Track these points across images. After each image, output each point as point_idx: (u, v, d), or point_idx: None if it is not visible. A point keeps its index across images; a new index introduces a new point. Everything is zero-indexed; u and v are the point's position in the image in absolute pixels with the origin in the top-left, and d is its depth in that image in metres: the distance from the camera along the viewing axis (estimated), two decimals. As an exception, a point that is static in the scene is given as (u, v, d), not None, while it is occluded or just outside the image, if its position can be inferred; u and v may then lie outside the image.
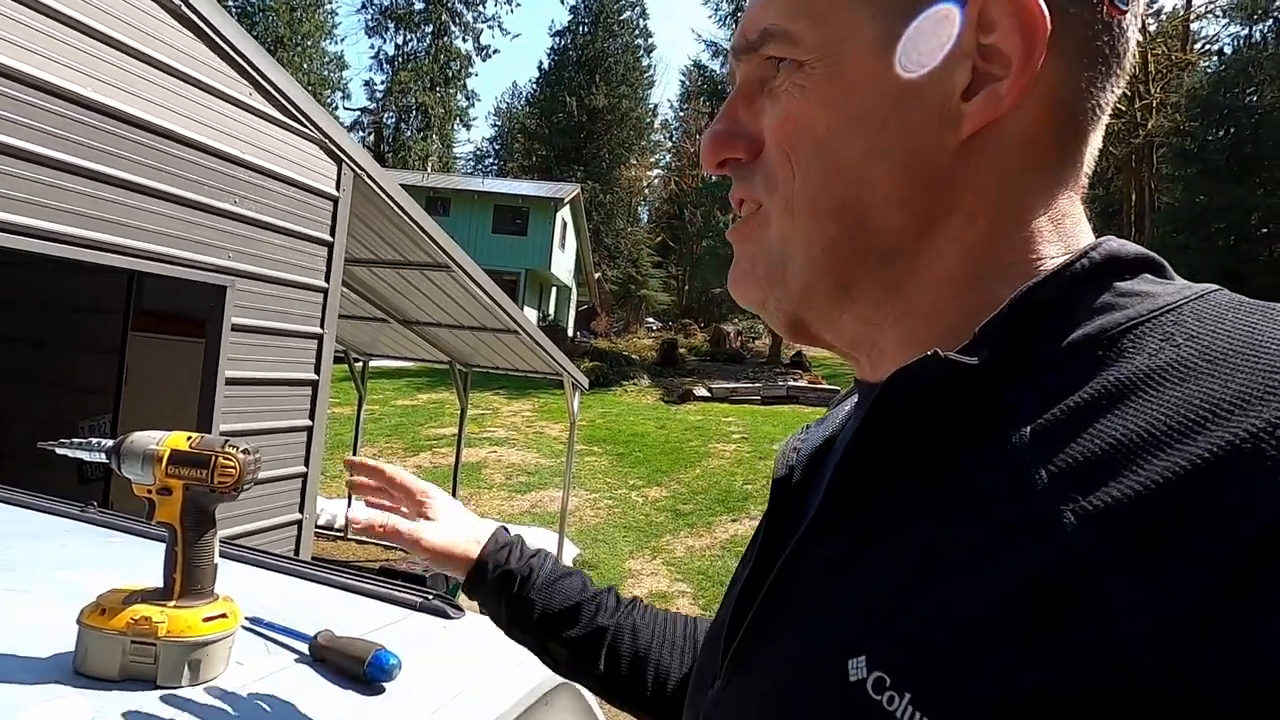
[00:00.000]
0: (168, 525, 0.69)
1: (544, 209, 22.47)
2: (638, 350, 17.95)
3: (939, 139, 0.35)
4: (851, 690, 0.30)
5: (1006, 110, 0.35)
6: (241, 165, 3.19)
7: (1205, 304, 0.32)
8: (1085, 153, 0.37)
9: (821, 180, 0.37)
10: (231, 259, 3.18)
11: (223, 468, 0.68)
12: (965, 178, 0.36)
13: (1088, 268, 0.34)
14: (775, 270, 0.40)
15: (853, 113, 0.36)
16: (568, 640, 0.65)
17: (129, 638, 0.66)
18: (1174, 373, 0.29)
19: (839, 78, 0.36)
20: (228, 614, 0.70)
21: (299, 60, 32.33)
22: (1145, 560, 0.25)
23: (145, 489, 0.69)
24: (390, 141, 34.39)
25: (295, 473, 3.65)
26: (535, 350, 6.33)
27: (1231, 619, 0.24)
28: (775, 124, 0.39)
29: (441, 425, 12.07)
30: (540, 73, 35.67)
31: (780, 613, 0.38)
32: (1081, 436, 0.29)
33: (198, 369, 3.24)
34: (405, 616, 0.94)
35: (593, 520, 8.78)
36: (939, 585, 0.30)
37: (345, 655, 0.74)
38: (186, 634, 0.67)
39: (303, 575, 1.04)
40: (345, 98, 36.87)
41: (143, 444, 0.69)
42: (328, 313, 3.72)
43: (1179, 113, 18.20)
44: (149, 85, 2.79)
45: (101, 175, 2.65)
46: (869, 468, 0.36)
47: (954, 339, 0.34)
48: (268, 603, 0.89)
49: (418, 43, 35.17)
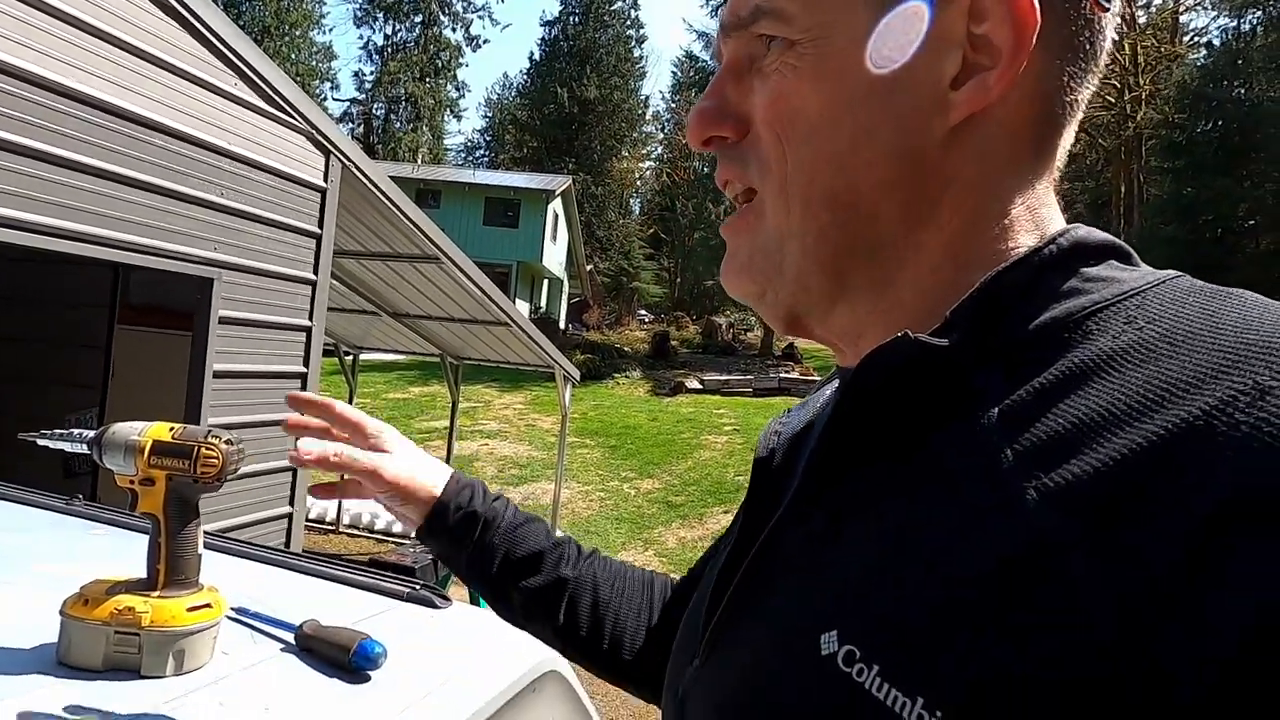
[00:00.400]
0: (151, 516, 0.69)
1: (535, 201, 22.39)
2: (630, 343, 17.95)
3: (928, 126, 0.35)
4: (823, 663, 0.31)
5: (994, 100, 0.35)
6: (227, 156, 3.16)
7: (1168, 289, 0.33)
8: (1060, 146, 0.38)
9: (813, 165, 0.37)
10: (218, 251, 3.16)
11: (205, 458, 0.68)
12: (951, 167, 0.36)
13: (1055, 254, 0.35)
14: (772, 262, 0.40)
15: (845, 96, 0.36)
16: (528, 589, 0.63)
17: (112, 628, 0.66)
18: (1136, 354, 0.30)
19: (832, 59, 0.36)
20: (212, 604, 0.70)
21: (286, 50, 31.99)
22: (1106, 537, 0.26)
23: (128, 480, 0.69)
24: (380, 133, 34.13)
25: (284, 466, 3.63)
26: (527, 343, 6.32)
27: (1189, 595, 0.24)
28: (766, 104, 0.38)
29: (433, 418, 12.05)
30: (531, 63, 35.49)
31: (758, 590, 0.38)
32: (1046, 416, 0.30)
33: (185, 362, 3.22)
34: (392, 606, 0.95)
35: (585, 512, 8.81)
36: (910, 563, 0.30)
37: (331, 644, 0.75)
38: (170, 624, 0.67)
39: (289, 566, 1.04)
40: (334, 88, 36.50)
41: (124, 435, 0.69)
42: (316, 305, 3.70)
43: (1168, 105, 18.29)
44: (133, 75, 2.76)
45: (85, 166, 2.62)
46: (844, 448, 0.36)
47: (931, 324, 0.35)
48: (253, 593, 0.89)
49: (407, 33, 34.88)
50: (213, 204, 3.12)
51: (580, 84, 32.23)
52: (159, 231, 2.90)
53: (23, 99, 2.42)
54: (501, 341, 6.63)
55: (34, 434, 0.72)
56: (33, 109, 2.45)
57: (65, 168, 2.57)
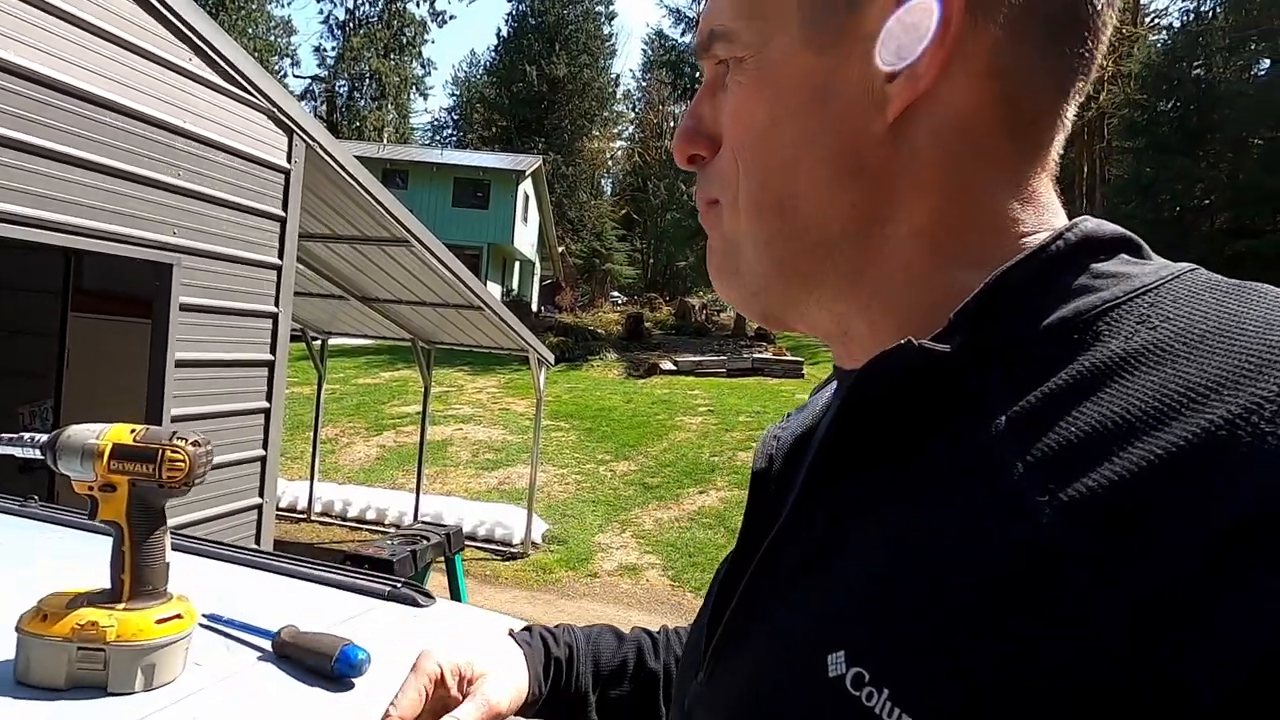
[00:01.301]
0: (113, 524, 0.65)
1: (505, 181, 22.04)
2: (603, 324, 17.88)
3: (866, 125, 0.35)
4: (831, 685, 0.30)
5: (928, 88, 0.34)
6: (183, 135, 3.03)
7: (1181, 284, 0.32)
8: (1054, 133, 0.36)
9: (761, 175, 0.38)
10: (176, 235, 3.04)
11: (171, 461, 0.64)
12: (900, 162, 0.35)
13: (1063, 249, 0.34)
14: (731, 263, 0.41)
15: (784, 106, 0.37)
16: (622, 699, 0.61)
17: (74, 644, 0.62)
18: (1150, 357, 0.29)
19: (770, 71, 0.37)
20: (183, 614, 0.67)
21: (242, 24, 30.86)
22: (1121, 551, 0.25)
23: (86, 486, 0.65)
24: (344, 111, 33.22)
25: (253, 456, 3.55)
26: (500, 326, 6.24)
27: (1207, 607, 0.23)
28: (724, 120, 0.40)
29: (405, 403, 11.89)
30: (499, 40, 34.73)
31: (760, 605, 0.37)
32: (1057, 424, 0.29)
33: (145, 351, 3.11)
34: (373, 606, 0.92)
35: (561, 495, 8.80)
36: (916, 577, 0.30)
37: (311, 651, 0.72)
38: (137, 638, 0.63)
39: (263, 566, 1.00)
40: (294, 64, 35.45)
41: (81, 438, 0.64)
42: (282, 291, 3.59)
43: (1130, 85, 18.60)
44: (83, 51, 2.62)
45: (31, 146, 2.49)
46: (844, 458, 0.35)
47: (924, 324, 0.34)
48: (226, 597, 0.85)
49: (370, 7, 33.86)
50: (170, 186, 2.99)
51: (549, 62, 31.66)
52: (113, 215, 2.78)
53: (-41, 74, 2.27)
54: (474, 325, 6.54)
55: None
56: (-29, 85, 2.31)
57: (11, 149, 2.43)
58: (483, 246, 21.39)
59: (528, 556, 7.14)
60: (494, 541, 7.33)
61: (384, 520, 7.78)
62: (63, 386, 4.45)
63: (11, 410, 4.54)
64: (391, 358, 14.44)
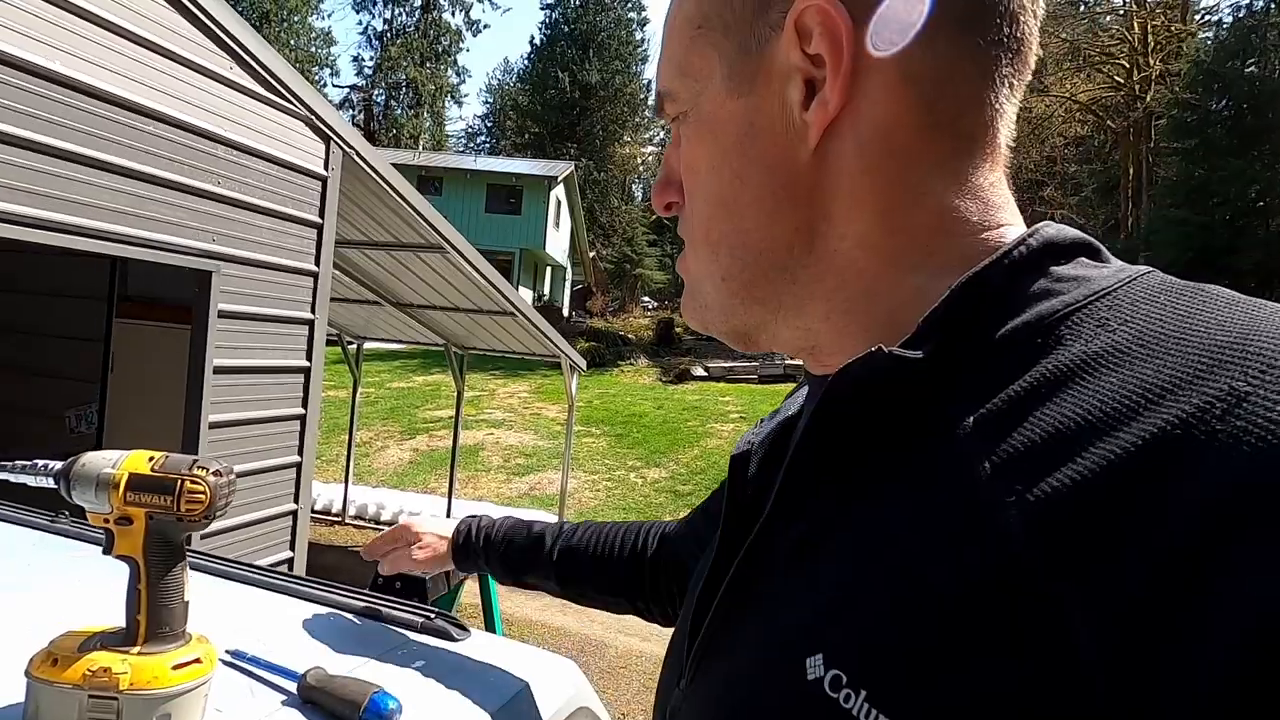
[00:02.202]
0: (129, 559, 0.60)
1: (538, 187, 22.19)
2: (634, 330, 17.84)
3: (792, 155, 0.37)
4: (809, 688, 0.31)
5: (838, 110, 0.36)
6: (224, 144, 3.05)
7: (1138, 286, 0.32)
8: (988, 121, 0.37)
9: (708, 215, 0.41)
10: (216, 242, 3.06)
11: (190, 493, 0.59)
12: (830, 181, 0.37)
13: (1026, 254, 0.34)
14: (699, 299, 0.44)
15: (720, 149, 0.40)
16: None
17: (86, 692, 0.57)
18: (1109, 359, 0.29)
19: (706, 121, 0.40)
20: (201, 658, 0.62)
21: (285, 36, 31.68)
22: (1087, 551, 0.25)
23: (101, 518, 0.60)
24: (380, 119, 33.87)
25: (289, 462, 3.56)
26: (532, 332, 6.23)
27: (1177, 604, 0.23)
28: (681, 169, 0.44)
29: (438, 407, 11.99)
30: (532, 48, 35.09)
31: (740, 609, 0.38)
32: (1022, 426, 0.29)
33: (185, 357, 3.13)
34: (404, 640, 0.86)
35: (591, 502, 8.76)
36: (890, 580, 0.30)
37: (338, 699, 0.66)
38: (152, 685, 0.58)
39: (289, 591, 0.95)
40: (334, 75, 36.23)
41: (96, 467, 0.60)
42: (319, 297, 3.61)
43: (1179, 84, 17.97)
44: (125, 60, 2.65)
45: (77, 156, 2.52)
46: (818, 464, 0.36)
47: (886, 329, 0.36)
48: (249, 627, 0.80)
49: (406, 17, 34.50)
50: (210, 193, 3.02)
51: (582, 68, 31.86)
52: (156, 223, 2.80)
53: (14, 87, 2.31)
54: (506, 331, 6.54)
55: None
56: (24, 97, 2.34)
57: (59, 158, 2.46)
58: (515, 252, 21.55)
59: (558, 563, 7.09)
60: (525, 548, 7.31)
61: (416, 524, 7.82)
62: (107, 391, 4.54)
63: (59, 411, 4.65)
64: (425, 361, 14.60)
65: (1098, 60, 20.15)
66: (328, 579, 1.01)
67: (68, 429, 4.59)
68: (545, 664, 0.89)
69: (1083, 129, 21.47)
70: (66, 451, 1.94)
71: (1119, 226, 20.06)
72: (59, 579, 0.93)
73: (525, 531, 0.85)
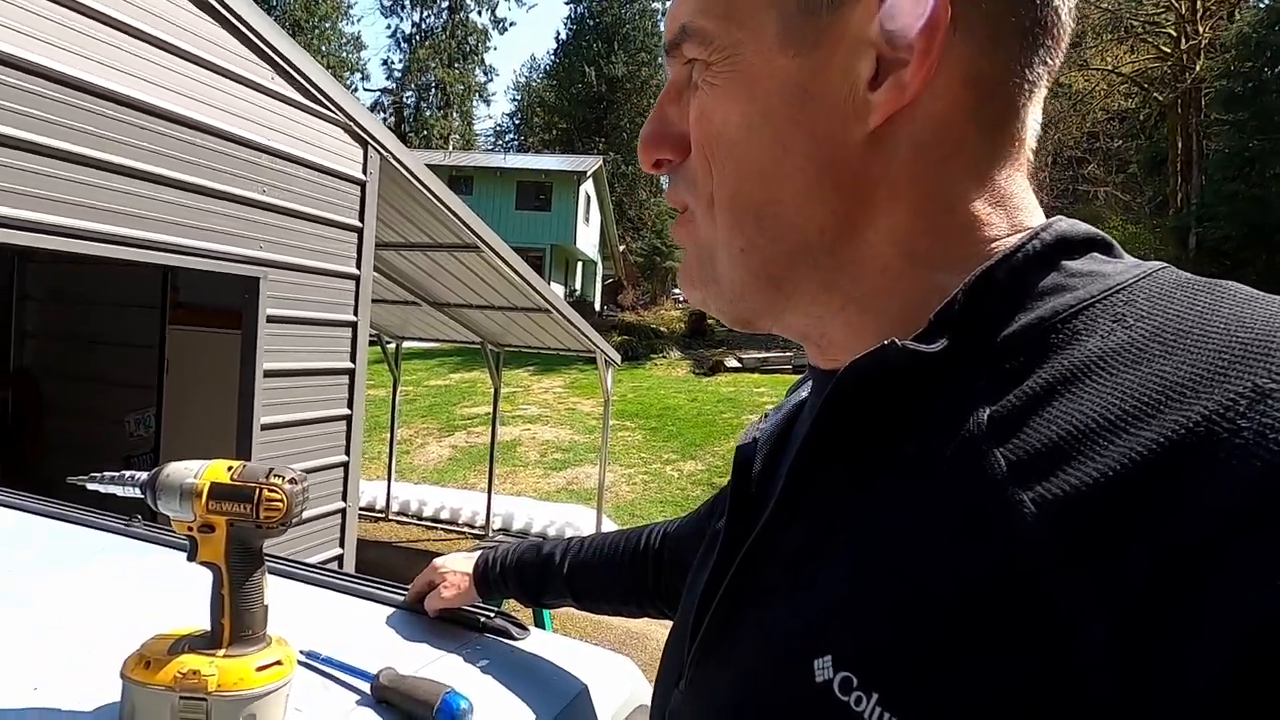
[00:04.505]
0: (212, 565, 0.62)
1: (567, 183, 22.27)
2: (666, 323, 17.81)
3: (846, 132, 0.35)
4: (819, 691, 0.30)
5: (913, 98, 0.34)
6: (267, 152, 3.13)
7: (1154, 281, 0.32)
8: (1021, 129, 0.36)
9: (736, 180, 0.37)
10: (263, 249, 3.14)
11: (268, 501, 0.61)
12: (879, 168, 0.35)
13: (1039, 249, 0.34)
14: (706, 270, 0.40)
15: (760, 109, 0.36)
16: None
17: (177, 694, 0.59)
18: (1127, 355, 0.29)
19: (745, 74, 0.36)
20: (282, 660, 0.64)
21: (317, 43, 32.28)
22: (1104, 549, 0.25)
23: (185, 526, 0.62)
24: (411, 121, 34.31)
25: (337, 462, 3.65)
26: (566, 328, 6.27)
27: (1174, 606, 0.23)
28: (693, 122, 0.39)
29: (474, 404, 12.16)
30: (558, 43, 35.21)
31: (742, 608, 0.37)
32: (1038, 422, 0.29)
33: (236, 361, 3.23)
34: (468, 641, 0.88)
35: (628, 496, 8.79)
36: (901, 579, 0.29)
37: (411, 699, 0.68)
38: (238, 687, 0.60)
39: (359, 593, 0.98)
40: (364, 79, 36.79)
41: (179, 477, 0.62)
42: (361, 300, 3.69)
43: (1229, 54, 17.17)
44: (172, 74, 2.73)
45: (130, 170, 2.61)
46: (825, 459, 0.35)
47: (901, 326, 0.35)
48: (319, 627, 0.83)
49: (434, 19, 34.83)
50: (256, 202, 3.10)
51: (608, 62, 31.82)
52: (205, 232, 2.89)
53: (68, 104, 2.40)
54: (541, 327, 6.59)
55: (84, 478, 0.66)
56: (78, 114, 2.44)
57: (112, 172, 2.56)
58: (546, 248, 21.68)
59: (598, 557, 7.15)
60: (564, 542, 7.38)
61: (458, 520, 7.95)
62: (163, 396, 4.71)
63: (119, 416, 4.84)
64: (461, 359, 14.80)
65: (1142, 31, 19.36)
66: (372, 574, 1.04)
67: (127, 433, 4.78)
68: (604, 662, 0.90)
69: (1127, 102, 20.66)
70: (128, 455, 2.03)
71: (1167, 203, 19.28)
72: (137, 581, 0.97)
73: (535, 553, 0.86)
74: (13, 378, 5.13)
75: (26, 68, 2.29)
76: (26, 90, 2.29)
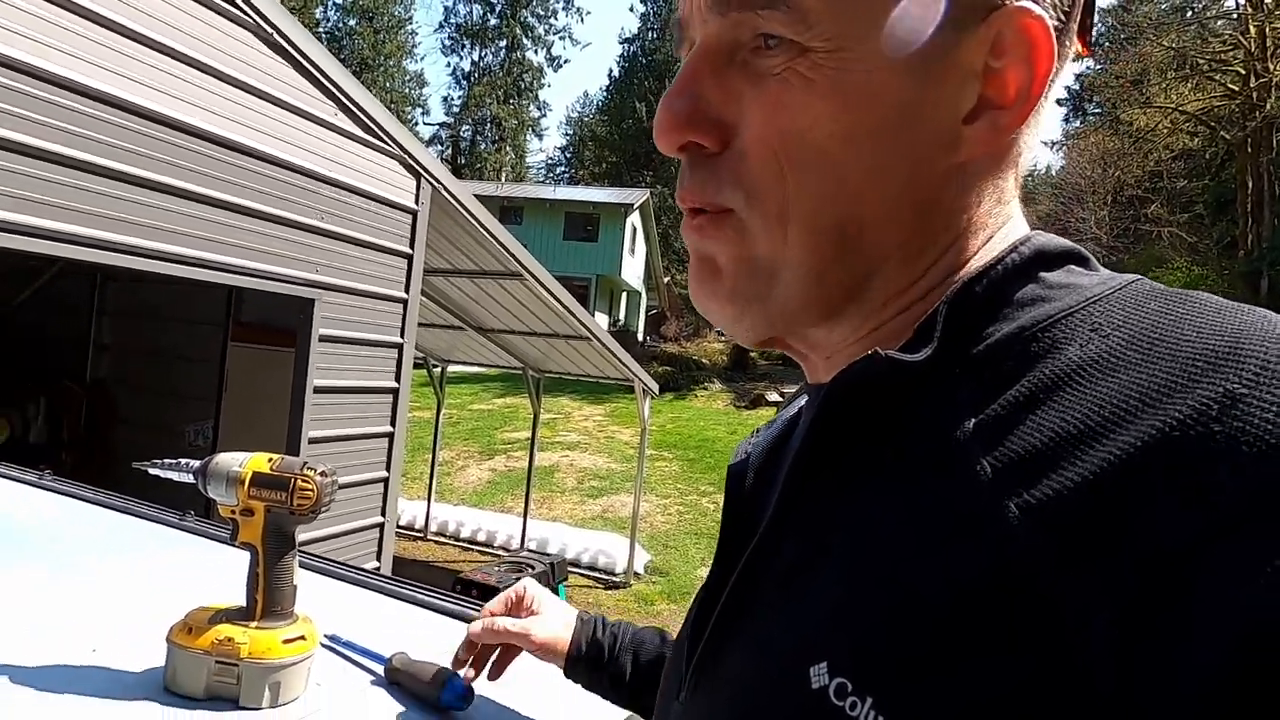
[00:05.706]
0: (250, 546, 0.70)
1: (614, 215, 22.67)
2: (708, 355, 17.82)
3: (935, 160, 0.34)
4: (814, 697, 0.30)
5: (1002, 141, 0.34)
6: (327, 183, 3.34)
7: (1129, 293, 0.33)
8: (1024, 161, 0.38)
9: (820, 194, 0.34)
10: (319, 273, 3.33)
11: (301, 490, 0.69)
12: (949, 200, 0.35)
13: (1018, 262, 0.35)
14: (755, 286, 0.36)
15: (860, 122, 0.33)
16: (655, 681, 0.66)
17: (213, 657, 0.67)
18: (1105, 363, 0.29)
19: (854, 77, 0.32)
20: (306, 636, 0.71)
21: (382, 80, 33.90)
22: (1089, 552, 0.25)
23: (229, 510, 0.70)
24: (466, 154, 35.56)
25: (377, 477, 3.78)
26: (607, 356, 6.37)
27: (1161, 608, 0.24)
28: (764, 116, 0.33)
29: (515, 429, 12.34)
30: (610, 80, 36.16)
31: (740, 620, 0.37)
32: (1022, 430, 0.29)
33: (288, 378, 3.41)
34: (479, 637, 0.93)
35: (663, 526, 8.76)
36: (893, 585, 0.30)
37: (418, 680, 0.74)
38: (267, 656, 0.67)
39: (378, 589, 1.05)
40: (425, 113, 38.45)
41: (226, 465, 0.70)
42: (407, 323, 3.85)
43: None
44: (243, 109, 2.96)
45: (201, 196, 2.83)
46: (817, 470, 0.36)
47: (900, 340, 0.35)
48: (344, 617, 0.90)
49: (492, 57, 36.28)
50: (314, 228, 3.30)
51: (658, 98, 32.46)
52: (266, 255, 3.09)
53: (153, 138, 2.63)
54: (581, 355, 6.71)
55: (146, 463, 0.74)
56: (161, 146, 2.67)
57: (186, 199, 2.78)
58: (591, 278, 22.03)
59: (629, 586, 7.13)
60: (597, 569, 7.39)
61: (493, 543, 8.04)
62: (221, 408, 4.97)
63: (180, 426, 5.11)
64: (504, 385, 15.07)
65: (1208, 69, 18.87)
66: (411, 582, 1.11)
67: (187, 442, 5.04)
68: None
69: (1192, 141, 20.07)
70: (189, 440, 2.14)
71: (1235, 244, 18.53)
72: (185, 566, 1.06)
73: (661, 639, 0.72)
74: (90, 388, 5.48)
75: (127, 107, 2.53)
76: (123, 127, 2.53)
